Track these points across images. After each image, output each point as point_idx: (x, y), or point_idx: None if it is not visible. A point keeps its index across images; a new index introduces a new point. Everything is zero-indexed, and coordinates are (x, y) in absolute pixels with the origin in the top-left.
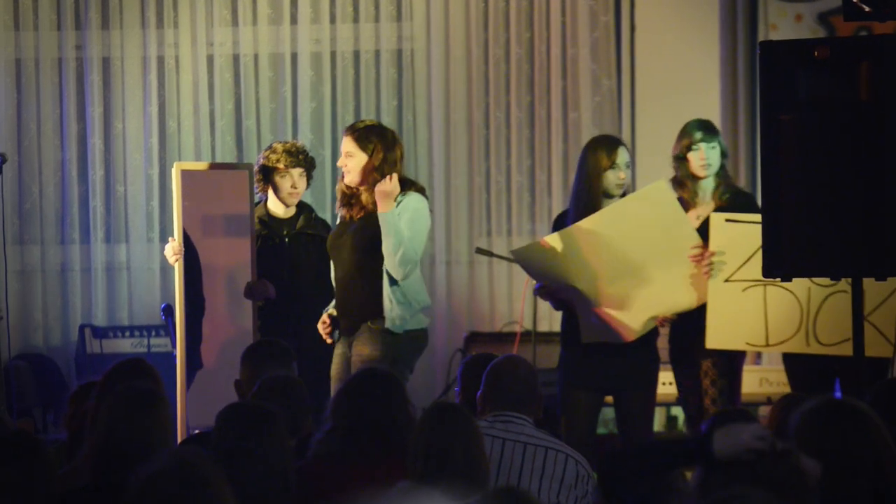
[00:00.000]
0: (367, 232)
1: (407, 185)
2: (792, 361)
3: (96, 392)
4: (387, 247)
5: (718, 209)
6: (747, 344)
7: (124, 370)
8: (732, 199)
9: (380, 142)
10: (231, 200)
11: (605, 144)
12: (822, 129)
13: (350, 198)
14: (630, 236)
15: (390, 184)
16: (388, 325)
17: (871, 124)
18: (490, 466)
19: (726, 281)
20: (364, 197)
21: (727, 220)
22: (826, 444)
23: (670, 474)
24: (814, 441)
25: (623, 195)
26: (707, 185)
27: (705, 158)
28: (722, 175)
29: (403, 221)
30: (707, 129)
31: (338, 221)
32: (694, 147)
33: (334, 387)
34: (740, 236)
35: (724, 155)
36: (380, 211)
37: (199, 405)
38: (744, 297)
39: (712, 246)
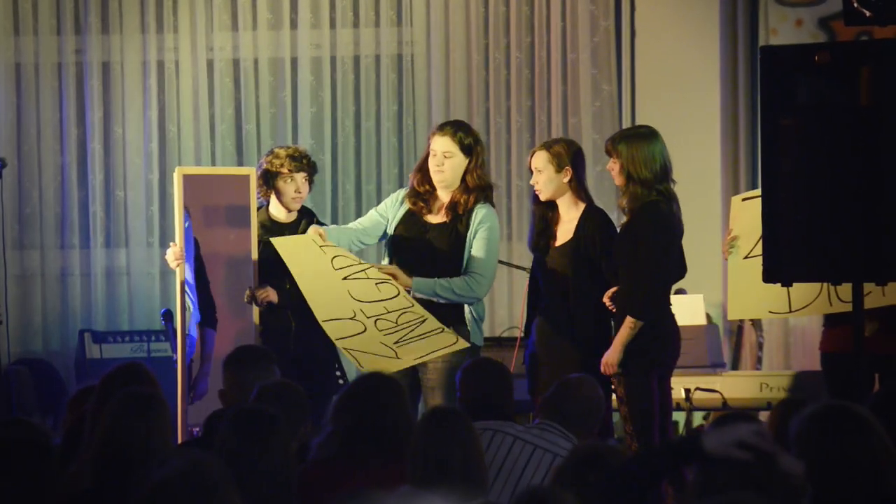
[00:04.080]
0: (450, 238)
1: (480, 192)
2: (830, 362)
3: (94, 396)
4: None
5: (628, 222)
6: (770, 312)
7: (121, 375)
8: (628, 220)
9: (476, 141)
10: (232, 205)
11: None
12: (823, 134)
13: (424, 195)
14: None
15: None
16: (472, 339)
17: (872, 129)
18: (509, 470)
19: (745, 257)
20: (442, 197)
21: (744, 200)
22: (826, 449)
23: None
24: (813, 445)
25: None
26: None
27: (609, 171)
28: (629, 190)
29: (477, 240)
30: (611, 141)
31: (398, 214)
32: None
33: None
34: (756, 213)
35: (626, 173)
36: (408, 288)
37: (203, 403)
38: None
39: (733, 228)
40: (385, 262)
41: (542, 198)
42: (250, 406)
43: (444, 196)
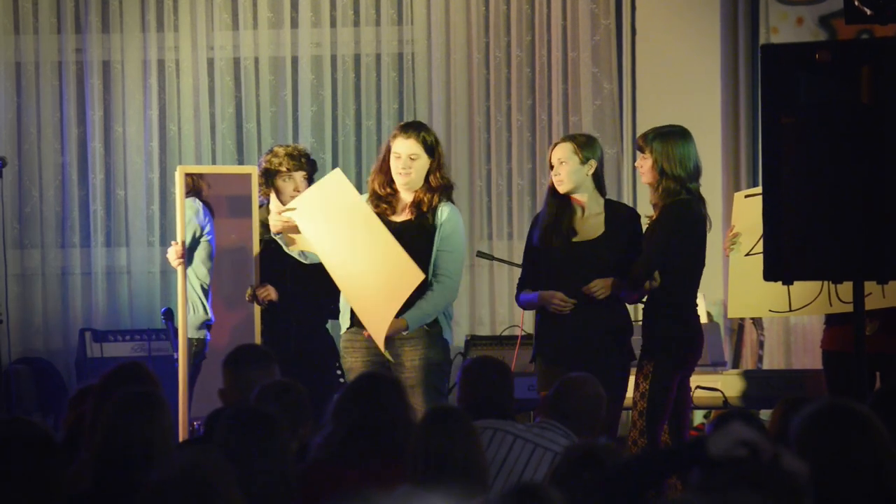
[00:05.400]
0: (418, 234)
1: (443, 191)
2: (832, 360)
3: (93, 396)
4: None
5: (660, 215)
6: (770, 311)
7: (122, 374)
8: (661, 212)
9: (437, 141)
10: (233, 203)
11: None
12: (824, 133)
13: (387, 198)
14: (326, 223)
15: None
16: (445, 335)
17: (873, 127)
18: (510, 468)
19: (747, 255)
20: (405, 198)
21: (746, 196)
22: (826, 448)
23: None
24: (814, 444)
25: (568, 194)
26: (651, 192)
27: (638, 167)
28: (661, 186)
29: (443, 241)
30: (643, 137)
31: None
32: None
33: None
34: (757, 210)
35: (660, 169)
36: (402, 334)
37: (204, 396)
38: None
39: (734, 224)
40: None
41: (563, 190)
42: (248, 406)
43: (406, 196)
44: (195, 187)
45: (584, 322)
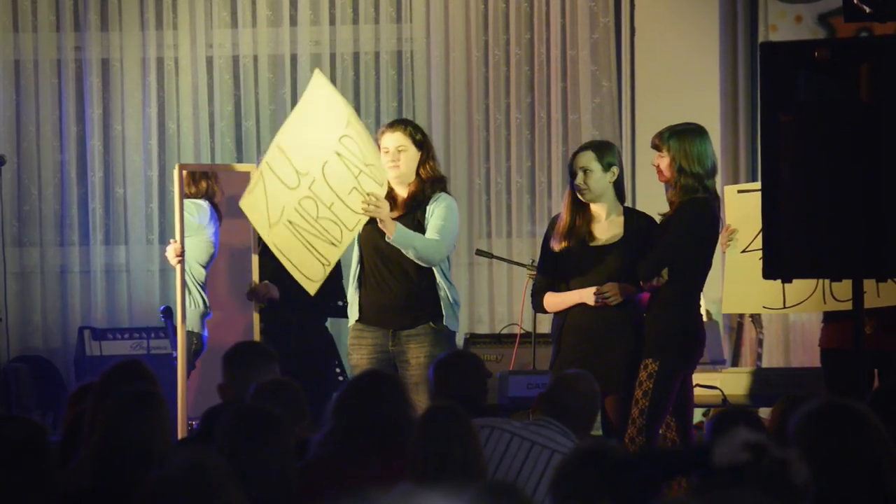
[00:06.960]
0: (412, 228)
1: (436, 183)
2: (830, 358)
3: (92, 394)
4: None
5: (676, 212)
6: (764, 308)
7: (121, 372)
8: (677, 209)
9: (425, 136)
10: (233, 202)
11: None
12: (823, 131)
13: (385, 197)
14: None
15: (382, 208)
16: (449, 325)
17: (872, 126)
18: (507, 466)
19: (743, 252)
20: (400, 194)
21: (739, 192)
22: (825, 446)
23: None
24: (813, 442)
25: (588, 200)
26: (668, 190)
27: (655, 166)
28: (680, 184)
29: (436, 210)
30: (659, 136)
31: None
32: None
33: None
34: (752, 206)
35: (678, 167)
36: (389, 237)
37: (203, 393)
38: (760, 265)
39: (729, 220)
40: (355, 259)
41: (587, 198)
42: (251, 405)
43: (401, 191)
44: (209, 191)
45: (608, 328)
